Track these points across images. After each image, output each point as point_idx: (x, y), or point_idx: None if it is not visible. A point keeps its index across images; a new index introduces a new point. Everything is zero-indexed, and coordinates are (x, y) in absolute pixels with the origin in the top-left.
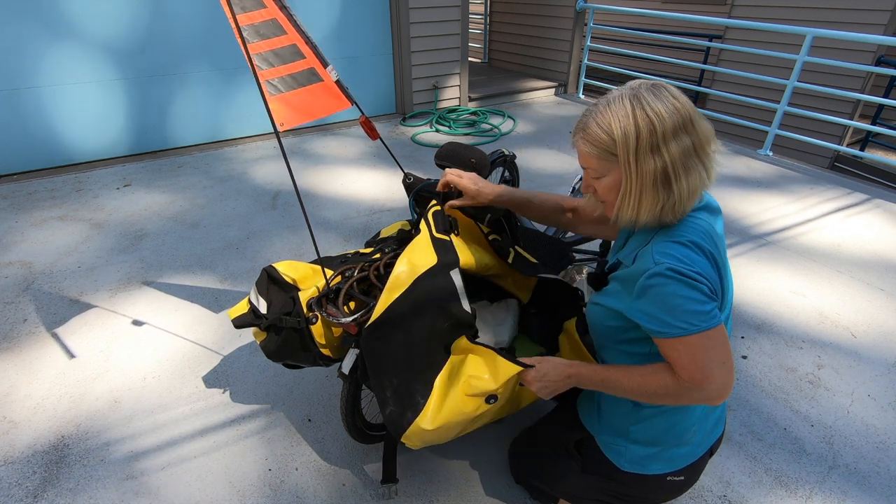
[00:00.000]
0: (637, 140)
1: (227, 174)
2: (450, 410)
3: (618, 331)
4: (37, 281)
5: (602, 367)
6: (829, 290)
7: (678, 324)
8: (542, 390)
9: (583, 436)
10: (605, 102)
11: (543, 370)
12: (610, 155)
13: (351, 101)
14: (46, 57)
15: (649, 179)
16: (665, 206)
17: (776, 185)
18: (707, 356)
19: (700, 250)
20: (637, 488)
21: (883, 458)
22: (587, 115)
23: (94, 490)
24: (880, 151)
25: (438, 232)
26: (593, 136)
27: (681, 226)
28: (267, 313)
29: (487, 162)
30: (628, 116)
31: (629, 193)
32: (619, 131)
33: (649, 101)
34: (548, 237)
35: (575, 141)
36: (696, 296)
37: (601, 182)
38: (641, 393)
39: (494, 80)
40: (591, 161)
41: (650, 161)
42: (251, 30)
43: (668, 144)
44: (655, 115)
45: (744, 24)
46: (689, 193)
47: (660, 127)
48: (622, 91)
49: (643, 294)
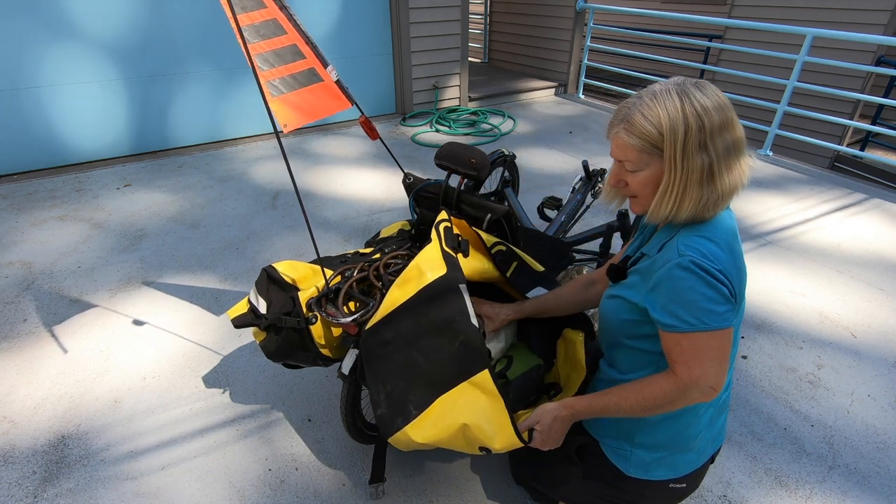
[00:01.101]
0: (686, 135)
1: (227, 174)
2: (441, 432)
3: (632, 325)
4: (37, 281)
5: (597, 396)
6: (829, 290)
7: (690, 319)
8: (552, 445)
9: (585, 441)
10: (650, 95)
11: (546, 427)
12: (654, 149)
13: (351, 101)
14: (46, 57)
15: (695, 176)
16: (708, 203)
17: (776, 185)
18: (707, 355)
19: (727, 248)
20: (638, 494)
21: (883, 458)
22: (630, 106)
23: (94, 490)
24: (880, 151)
25: (448, 247)
26: (639, 128)
27: (708, 222)
28: (267, 313)
29: (487, 162)
30: (678, 110)
31: (672, 189)
32: (667, 125)
33: (697, 96)
34: (548, 237)
35: (615, 131)
36: (714, 295)
37: (637, 176)
38: (642, 408)
39: (494, 80)
40: (630, 153)
41: (697, 157)
42: (251, 30)
43: (715, 141)
44: (704, 110)
45: (744, 24)
46: (731, 190)
47: (708, 123)
48: (667, 85)
49: (662, 283)
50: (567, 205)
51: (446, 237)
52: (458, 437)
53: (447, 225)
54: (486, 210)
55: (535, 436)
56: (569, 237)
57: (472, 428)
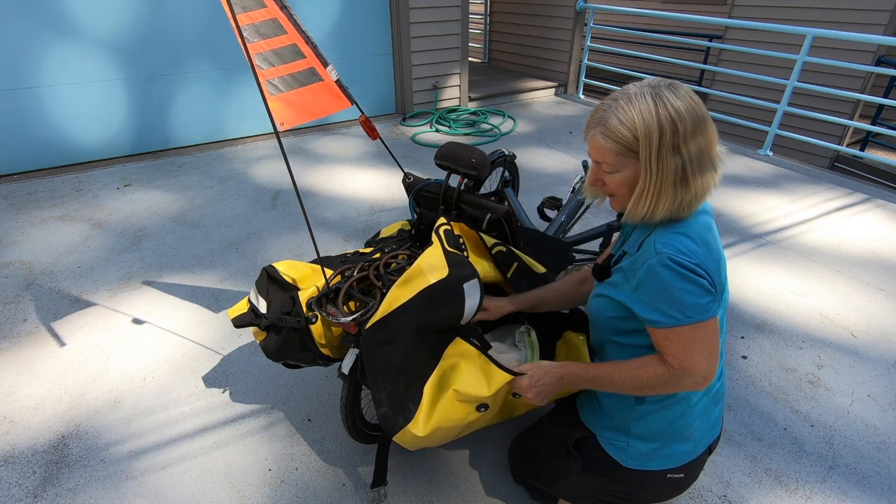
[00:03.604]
0: (660, 139)
1: (227, 174)
2: (440, 416)
3: (619, 321)
4: (37, 281)
5: (593, 365)
6: (829, 290)
7: (673, 313)
8: (538, 396)
9: (583, 434)
10: (625, 98)
11: (537, 375)
12: (629, 152)
13: (351, 100)
14: (46, 57)
15: (669, 178)
16: (682, 204)
17: (776, 185)
18: (695, 347)
19: (701, 242)
20: (637, 486)
21: (883, 458)
22: (606, 109)
23: (94, 490)
24: (880, 151)
25: (450, 247)
26: (614, 131)
27: (684, 219)
28: (267, 313)
29: (487, 162)
30: (652, 114)
31: (648, 191)
32: (642, 129)
33: (671, 99)
34: (548, 237)
35: (592, 134)
36: (694, 289)
37: (614, 177)
38: (634, 386)
39: (494, 80)
40: (607, 156)
41: (671, 160)
42: (251, 29)
43: (688, 144)
44: (677, 113)
45: (744, 24)
46: (704, 191)
47: (681, 126)
48: (641, 88)
49: (643, 282)
50: (567, 205)
51: (447, 239)
52: (455, 407)
53: (447, 228)
54: (486, 210)
55: (524, 379)
56: (569, 237)
57: (461, 389)
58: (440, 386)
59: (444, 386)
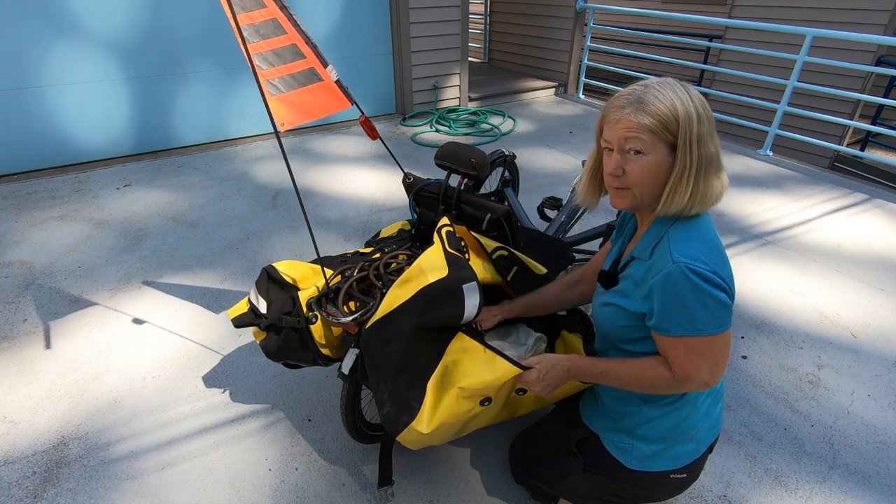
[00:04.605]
0: (698, 124)
1: (227, 174)
2: (444, 412)
3: (629, 330)
4: (37, 281)
5: (600, 360)
6: (829, 290)
7: (685, 324)
8: (545, 389)
9: (585, 435)
10: (655, 83)
11: (545, 369)
12: (666, 132)
13: (351, 100)
14: (47, 57)
15: (703, 166)
16: (711, 195)
17: (776, 185)
18: (702, 358)
19: (715, 248)
20: (640, 486)
21: (883, 458)
22: (638, 91)
23: (94, 490)
24: (880, 151)
25: (451, 248)
26: (654, 108)
27: (695, 221)
28: (267, 313)
29: (487, 162)
30: (688, 99)
31: (687, 176)
32: (682, 111)
33: (694, 93)
34: (548, 237)
35: (624, 114)
36: (711, 302)
37: (640, 161)
38: (638, 384)
39: (494, 80)
40: (643, 133)
41: (710, 145)
42: (251, 29)
43: (713, 136)
44: (703, 106)
45: (744, 24)
46: (725, 186)
47: (709, 117)
48: (664, 79)
49: (657, 290)
50: (567, 205)
51: (449, 240)
52: (460, 403)
53: (449, 229)
54: (486, 210)
55: (532, 373)
56: (569, 237)
57: (466, 385)
58: (443, 382)
59: (447, 382)
